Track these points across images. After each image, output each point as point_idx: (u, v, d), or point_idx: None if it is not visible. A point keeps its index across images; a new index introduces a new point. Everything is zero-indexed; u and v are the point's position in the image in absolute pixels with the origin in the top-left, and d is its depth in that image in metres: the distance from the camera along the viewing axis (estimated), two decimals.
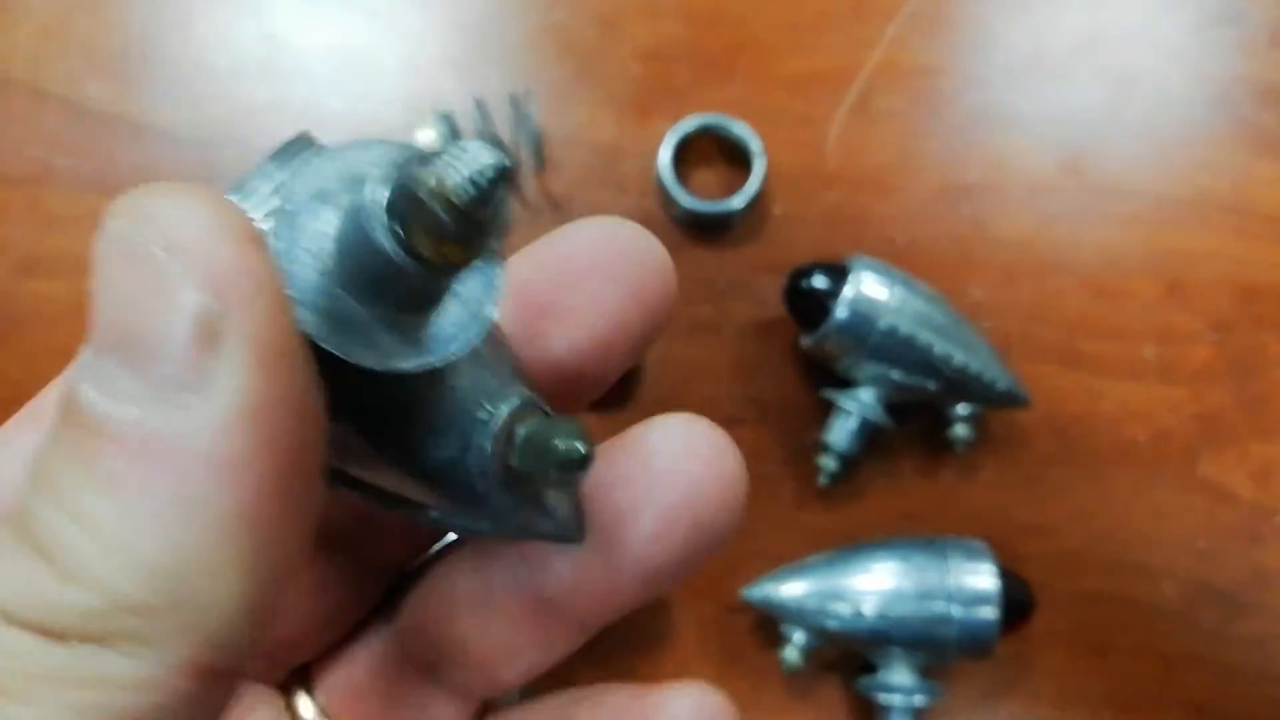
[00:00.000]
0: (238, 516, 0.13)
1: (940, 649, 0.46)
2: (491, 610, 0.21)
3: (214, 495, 0.13)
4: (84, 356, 0.14)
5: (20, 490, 0.14)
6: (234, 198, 0.16)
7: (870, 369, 0.48)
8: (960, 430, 0.50)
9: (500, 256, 0.16)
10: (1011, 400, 0.49)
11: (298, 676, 0.24)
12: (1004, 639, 0.46)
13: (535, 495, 0.18)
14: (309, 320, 0.14)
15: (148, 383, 0.13)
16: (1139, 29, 0.55)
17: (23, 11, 0.56)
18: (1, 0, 0.56)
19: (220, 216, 0.13)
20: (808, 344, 0.49)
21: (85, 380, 0.14)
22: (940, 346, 0.47)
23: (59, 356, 0.60)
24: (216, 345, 0.13)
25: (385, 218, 0.14)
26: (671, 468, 0.20)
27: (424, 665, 0.23)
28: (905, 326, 0.46)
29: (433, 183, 0.14)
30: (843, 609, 0.46)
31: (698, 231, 0.54)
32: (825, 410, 0.51)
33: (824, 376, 0.51)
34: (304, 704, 0.23)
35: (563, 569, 0.21)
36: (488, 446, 0.17)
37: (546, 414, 0.18)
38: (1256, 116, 0.54)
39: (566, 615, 0.21)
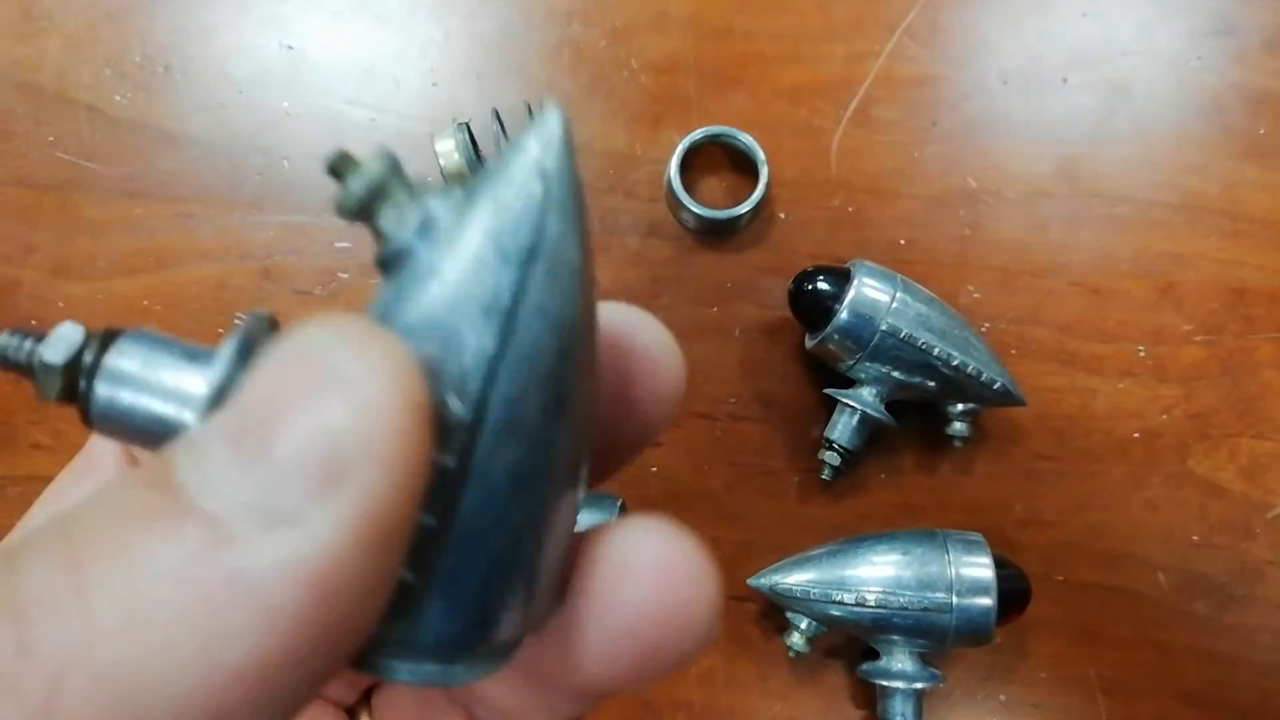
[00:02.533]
0: (244, 668, 0.11)
1: (940, 637, 0.46)
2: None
3: (238, 634, 0.11)
4: (197, 431, 0.13)
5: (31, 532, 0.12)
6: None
7: (871, 369, 0.48)
8: (958, 427, 0.50)
9: None
10: (1008, 399, 0.49)
11: (363, 699, 0.23)
12: (1001, 627, 0.46)
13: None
14: None
15: (250, 488, 0.12)
16: (1131, 39, 0.55)
17: (50, 23, 0.56)
18: (30, 12, 0.56)
19: (410, 382, 0.12)
20: (811, 345, 0.50)
21: (189, 452, 0.12)
22: (939, 347, 0.47)
23: None
24: (334, 489, 0.11)
25: None
26: (633, 587, 0.16)
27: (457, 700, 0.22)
28: (905, 328, 0.47)
29: None
30: (846, 598, 0.46)
31: (706, 236, 0.54)
32: (829, 408, 0.51)
33: (827, 375, 0.52)
34: None
35: (495, 692, 0.19)
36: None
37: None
38: (1246, 123, 0.54)
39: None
